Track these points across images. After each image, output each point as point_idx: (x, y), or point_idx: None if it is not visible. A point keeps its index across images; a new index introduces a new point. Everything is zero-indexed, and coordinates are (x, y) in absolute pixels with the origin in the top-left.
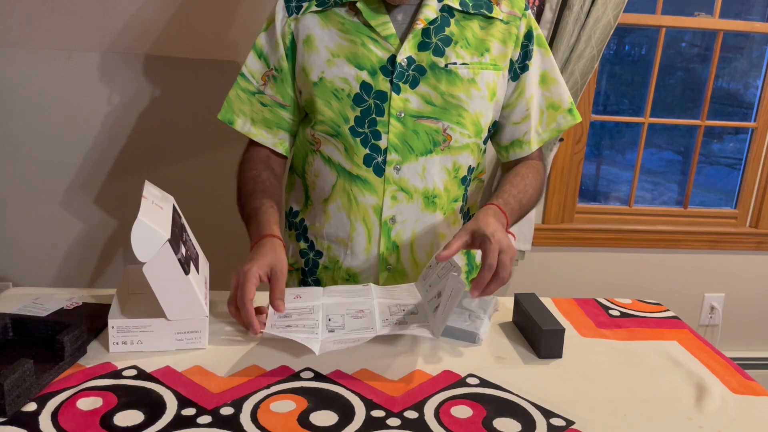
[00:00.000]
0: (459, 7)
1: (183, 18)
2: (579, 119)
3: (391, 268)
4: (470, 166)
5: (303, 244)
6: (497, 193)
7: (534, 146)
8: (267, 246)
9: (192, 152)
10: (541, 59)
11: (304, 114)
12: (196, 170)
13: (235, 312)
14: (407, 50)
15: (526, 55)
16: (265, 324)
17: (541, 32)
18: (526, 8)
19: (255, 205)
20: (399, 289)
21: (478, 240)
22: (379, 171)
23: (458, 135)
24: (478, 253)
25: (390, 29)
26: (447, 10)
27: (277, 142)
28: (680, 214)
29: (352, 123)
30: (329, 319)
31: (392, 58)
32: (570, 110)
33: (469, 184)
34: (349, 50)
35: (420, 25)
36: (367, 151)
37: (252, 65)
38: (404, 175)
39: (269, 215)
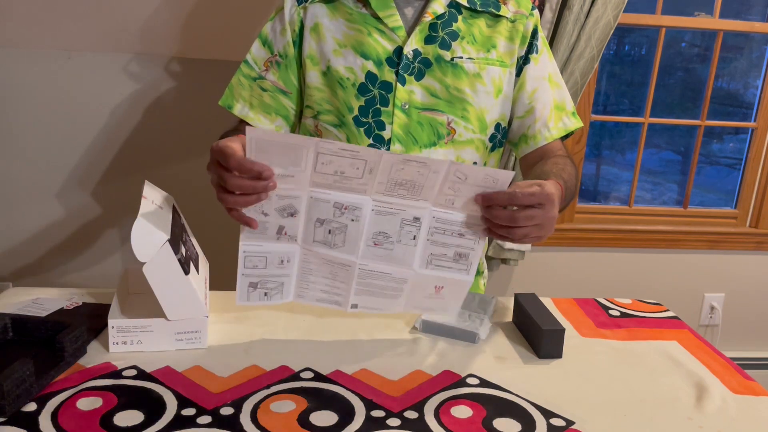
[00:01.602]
0: (467, 4)
1: (183, 18)
2: (582, 124)
3: None
4: (475, 162)
5: None
6: (546, 174)
7: (540, 141)
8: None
9: (192, 152)
10: (546, 60)
11: (305, 106)
12: (196, 170)
13: (238, 182)
14: (414, 43)
15: (530, 49)
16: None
17: (543, 34)
18: (532, 8)
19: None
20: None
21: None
22: None
23: (462, 129)
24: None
25: (398, 21)
26: (455, 7)
27: (273, 128)
28: (680, 214)
29: (356, 113)
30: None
31: (398, 50)
32: (573, 113)
33: None
34: (355, 39)
35: (428, 18)
36: (371, 141)
37: (256, 52)
38: None
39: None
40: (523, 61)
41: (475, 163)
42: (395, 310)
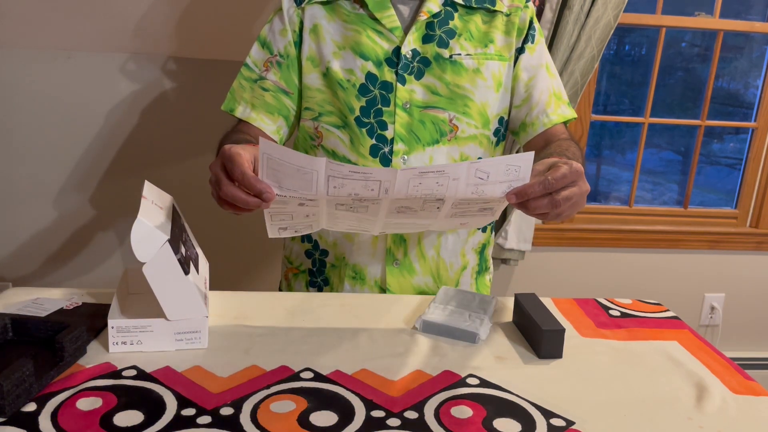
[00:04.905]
0: (462, 2)
1: (183, 18)
2: (576, 115)
3: (398, 263)
4: (479, 157)
5: (307, 245)
6: (549, 156)
7: (539, 128)
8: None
9: (192, 152)
10: (542, 50)
11: (304, 108)
12: (196, 170)
13: (232, 192)
14: (411, 42)
15: (525, 39)
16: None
17: (539, 26)
18: (527, 0)
19: (236, 138)
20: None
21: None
22: (386, 161)
23: (465, 125)
24: (489, 250)
25: (395, 21)
26: (450, 5)
27: (275, 129)
28: (680, 214)
29: (357, 113)
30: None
31: (397, 50)
32: (568, 104)
33: None
34: (353, 41)
35: (423, 17)
36: (374, 141)
37: (255, 55)
38: (411, 165)
39: (247, 143)
40: (519, 51)
41: (479, 158)
42: (422, 230)
